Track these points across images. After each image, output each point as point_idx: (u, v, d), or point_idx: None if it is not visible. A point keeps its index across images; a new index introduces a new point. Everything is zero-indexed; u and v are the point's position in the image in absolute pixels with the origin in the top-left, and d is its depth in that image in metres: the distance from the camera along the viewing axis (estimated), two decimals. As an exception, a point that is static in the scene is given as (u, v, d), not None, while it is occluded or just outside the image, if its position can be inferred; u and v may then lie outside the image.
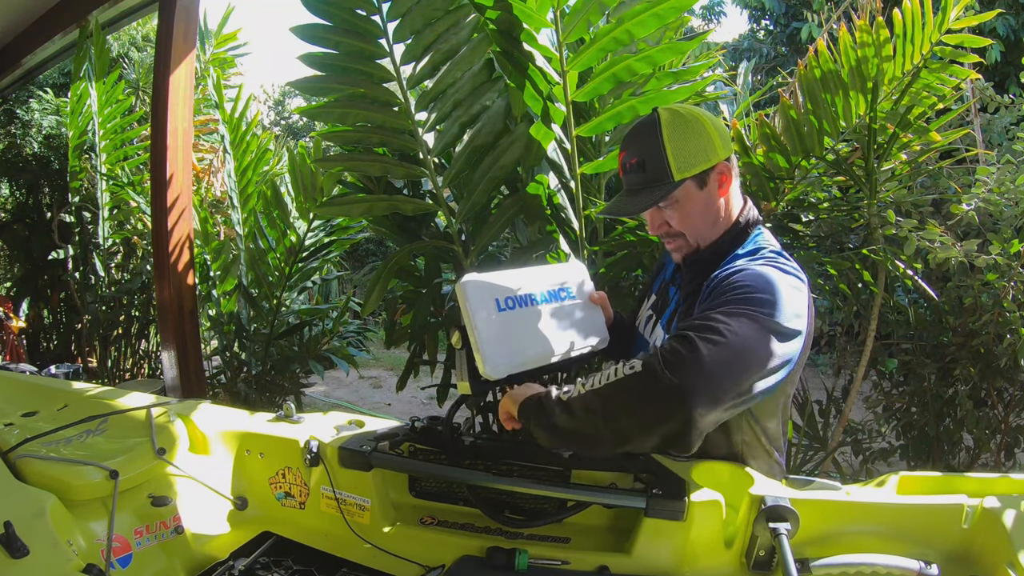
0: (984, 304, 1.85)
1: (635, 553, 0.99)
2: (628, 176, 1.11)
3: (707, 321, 0.91)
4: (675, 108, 1.10)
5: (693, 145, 1.06)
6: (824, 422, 2.22)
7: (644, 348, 1.24)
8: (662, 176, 1.07)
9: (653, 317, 1.25)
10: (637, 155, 1.09)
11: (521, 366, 1.06)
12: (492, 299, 1.06)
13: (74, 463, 1.04)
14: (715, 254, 1.12)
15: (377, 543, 1.08)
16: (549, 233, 1.98)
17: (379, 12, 1.79)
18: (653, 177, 1.08)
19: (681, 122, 1.07)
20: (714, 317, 0.91)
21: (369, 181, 2.07)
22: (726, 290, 0.98)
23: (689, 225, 1.12)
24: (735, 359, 0.88)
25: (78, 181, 3.76)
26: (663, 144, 1.06)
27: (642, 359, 0.90)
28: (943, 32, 1.75)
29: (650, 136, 1.07)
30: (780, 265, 1.04)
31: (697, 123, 1.08)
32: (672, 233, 1.13)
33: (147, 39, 4.52)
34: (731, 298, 0.95)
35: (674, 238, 1.14)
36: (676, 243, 1.14)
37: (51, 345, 4.31)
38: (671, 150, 1.06)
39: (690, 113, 1.09)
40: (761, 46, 8.33)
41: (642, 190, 1.09)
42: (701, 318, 0.93)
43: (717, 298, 0.98)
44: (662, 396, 0.86)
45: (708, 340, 0.87)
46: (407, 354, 2.23)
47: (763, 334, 0.92)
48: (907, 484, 1.04)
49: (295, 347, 3.05)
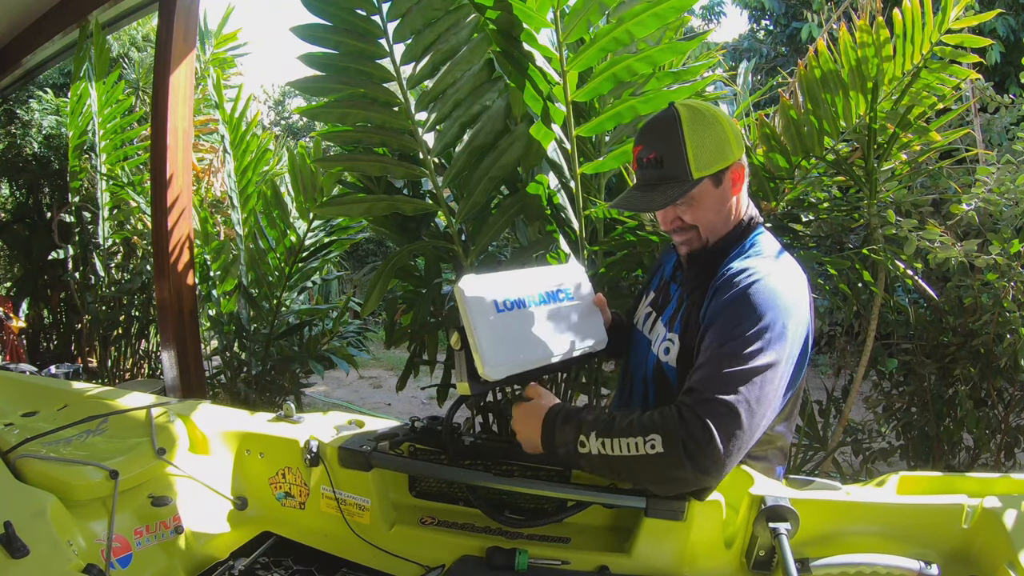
0: (984, 304, 1.85)
1: (635, 553, 0.99)
2: (644, 171, 1.11)
3: (721, 395, 0.90)
4: (694, 105, 1.09)
5: (712, 144, 1.06)
6: (824, 422, 2.22)
7: (644, 346, 1.24)
8: (681, 174, 1.07)
9: (653, 314, 1.25)
10: (656, 151, 1.08)
11: (520, 367, 1.06)
12: (490, 300, 1.06)
13: (74, 463, 1.04)
14: (719, 252, 1.13)
15: (377, 543, 1.08)
16: (549, 233, 1.97)
17: (379, 12, 1.79)
18: (671, 174, 1.07)
19: (701, 120, 1.07)
20: (727, 383, 0.91)
21: (369, 181, 2.07)
22: (731, 311, 0.99)
23: (703, 220, 1.12)
24: (750, 432, 0.91)
25: (78, 181, 3.76)
26: (683, 141, 1.06)
27: (663, 437, 0.89)
28: (943, 32, 1.75)
29: (670, 132, 1.07)
30: (781, 270, 1.05)
31: (716, 121, 1.08)
32: (684, 227, 1.13)
33: (147, 39, 4.52)
34: (738, 332, 0.95)
35: (685, 231, 1.14)
36: (687, 236, 1.14)
37: (51, 345, 4.31)
38: (691, 148, 1.06)
39: (708, 111, 1.08)
40: (761, 46, 8.33)
41: (659, 186, 1.09)
42: (713, 383, 0.92)
43: (724, 317, 0.99)
44: (683, 480, 0.91)
45: (726, 430, 0.88)
46: (407, 354, 2.23)
47: (773, 372, 0.93)
48: (907, 484, 1.04)
49: (295, 347, 3.05)
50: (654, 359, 1.18)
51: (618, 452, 0.92)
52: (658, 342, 1.18)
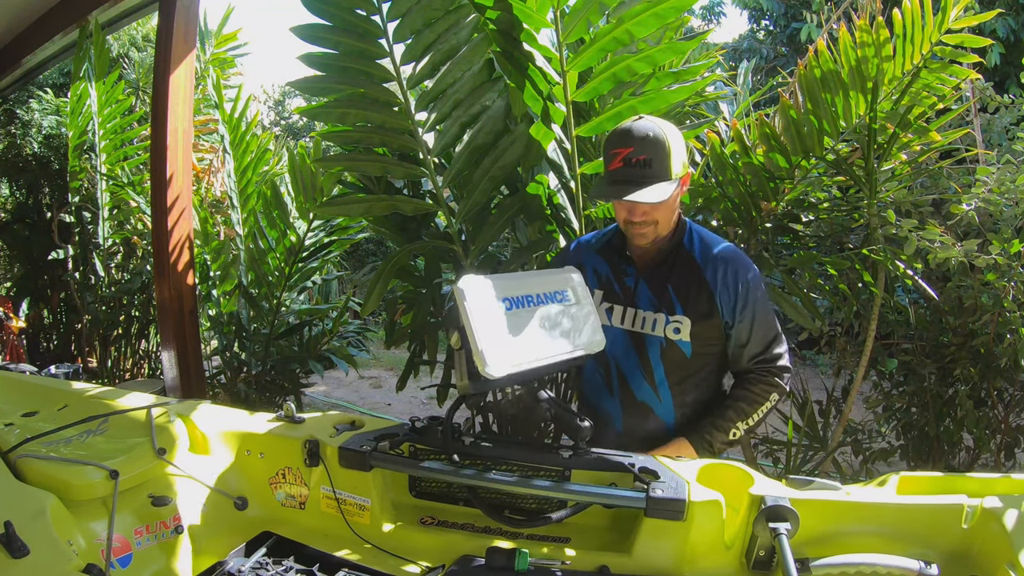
0: (984, 304, 1.85)
1: (635, 553, 0.99)
2: (631, 170, 1.27)
3: (778, 348, 1.40)
4: (660, 120, 1.32)
5: (682, 152, 1.30)
6: (824, 422, 2.22)
7: (624, 336, 1.42)
8: (666, 175, 1.27)
9: (621, 307, 1.43)
10: (647, 154, 1.26)
11: (519, 366, 1.06)
12: (490, 300, 1.07)
13: (74, 463, 1.04)
14: (673, 242, 1.40)
15: (377, 543, 1.08)
16: (549, 233, 1.98)
17: (379, 12, 1.79)
18: (659, 174, 1.26)
19: (676, 133, 1.31)
20: (774, 337, 1.40)
21: (369, 181, 2.07)
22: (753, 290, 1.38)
23: (664, 217, 1.34)
24: None
25: (78, 181, 3.76)
26: (668, 148, 1.27)
27: (778, 393, 1.39)
28: (943, 32, 1.75)
29: (658, 139, 1.27)
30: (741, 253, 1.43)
31: (681, 136, 1.33)
32: (648, 222, 1.33)
33: (147, 39, 4.52)
34: (761, 298, 1.39)
35: (647, 225, 1.34)
36: (646, 229, 1.34)
37: (51, 345, 4.31)
38: (674, 154, 1.27)
39: (672, 126, 1.33)
40: (761, 46, 8.33)
41: (646, 183, 1.26)
42: (769, 335, 1.39)
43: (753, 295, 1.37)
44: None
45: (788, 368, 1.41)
46: (407, 354, 2.23)
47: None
48: (907, 484, 1.04)
49: (295, 347, 3.05)
50: (660, 342, 1.39)
51: (757, 420, 1.36)
52: (660, 327, 1.38)
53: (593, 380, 1.50)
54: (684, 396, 1.41)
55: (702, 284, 1.36)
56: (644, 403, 1.42)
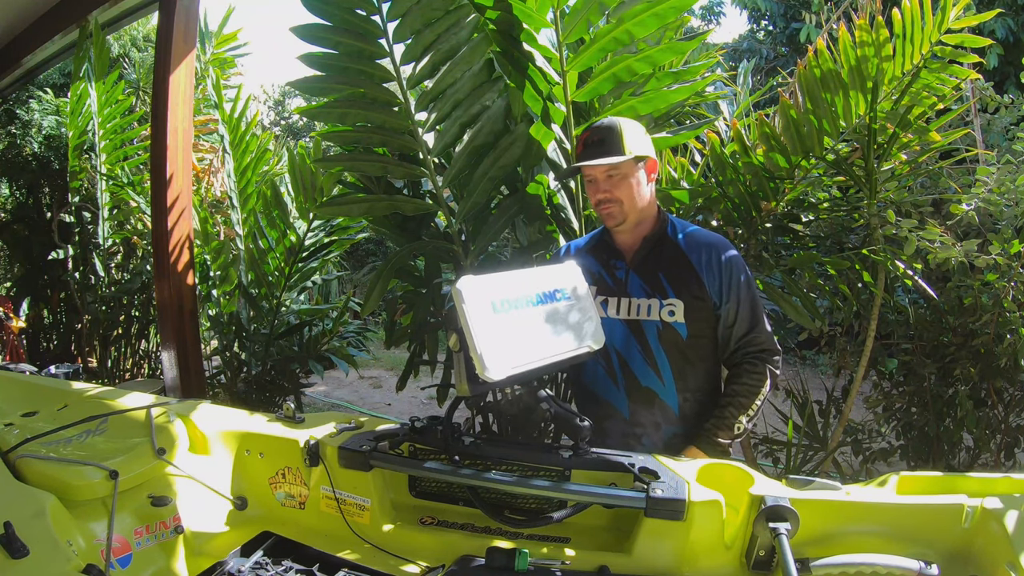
0: (984, 304, 1.85)
1: (635, 553, 0.99)
2: (588, 149, 1.43)
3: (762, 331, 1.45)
4: (626, 118, 1.47)
5: (638, 135, 1.43)
6: (824, 422, 2.22)
7: (621, 325, 1.46)
8: (618, 150, 1.40)
9: (616, 299, 1.49)
10: (599, 135, 1.42)
11: (518, 367, 1.06)
12: (488, 302, 1.06)
13: (74, 463, 1.04)
14: (657, 233, 1.49)
15: (377, 543, 1.08)
16: (549, 233, 1.97)
17: (379, 12, 1.79)
18: (610, 150, 1.40)
19: (632, 123, 1.46)
20: (759, 321, 1.45)
21: (369, 181, 2.07)
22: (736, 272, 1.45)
23: (627, 195, 1.43)
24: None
25: (78, 181, 3.76)
26: (620, 130, 1.42)
27: (770, 379, 1.43)
28: (943, 32, 1.75)
29: (611, 124, 1.43)
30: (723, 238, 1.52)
31: (640, 126, 1.47)
32: (612, 200, 1.43)
33: (147, 39, 4.53)
34: (744, 280, 1.45)
35: (611, 203, 1.44)
36: (611, 209, 1.44)
37: (51, 345, 4.31)
38: (625, 135, 1.41)
39: (633, 121, 1.47)
40: (761, 47, 8.33)
41: (600, 157, 1.40)
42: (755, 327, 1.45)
43: (736, 277, 1.44)
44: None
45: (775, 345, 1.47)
46: (407, 354, 2.23)
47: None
48: (907, 484, 1.04)
49: (295, 347, 3.05)
50: (656, 325, 1.45)
51: (756, 408, 1.42)
52: (655, 311, 1.44)
53: (596, 372, 1.51)
54: (685, 381, 1.45)
55: (690, 268, 1.45)
56: (648, 388, 1.45)
